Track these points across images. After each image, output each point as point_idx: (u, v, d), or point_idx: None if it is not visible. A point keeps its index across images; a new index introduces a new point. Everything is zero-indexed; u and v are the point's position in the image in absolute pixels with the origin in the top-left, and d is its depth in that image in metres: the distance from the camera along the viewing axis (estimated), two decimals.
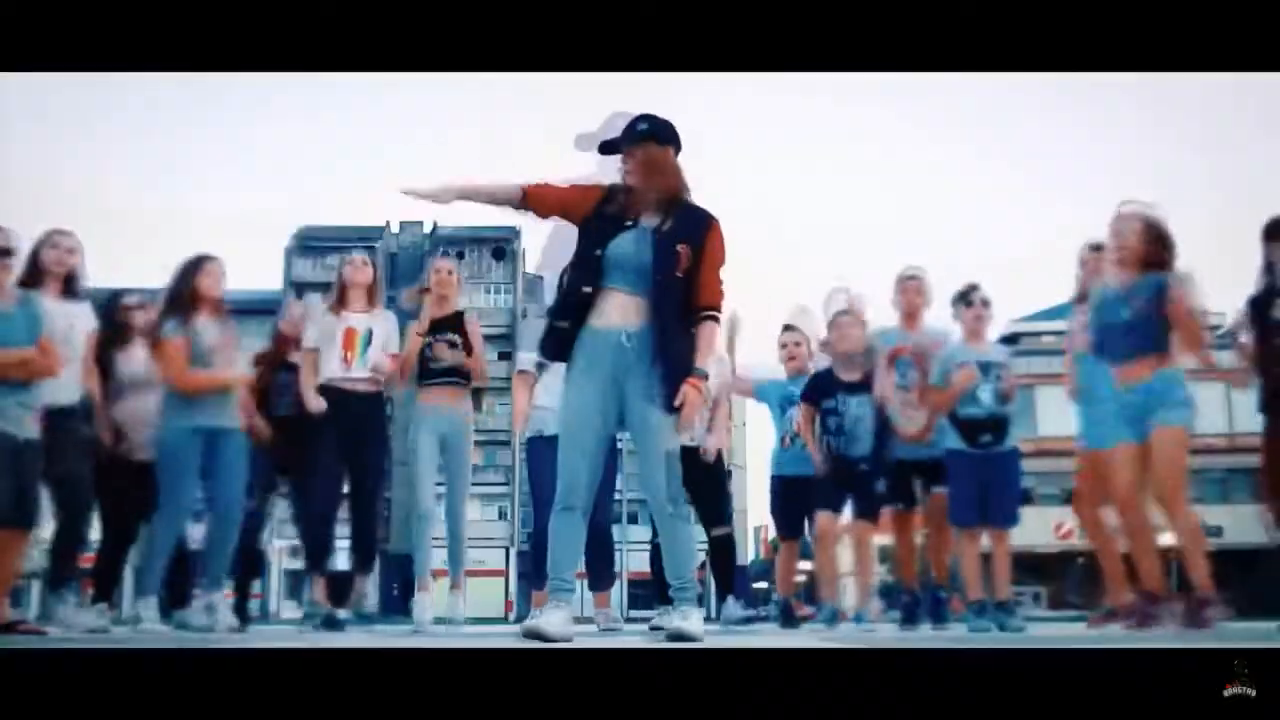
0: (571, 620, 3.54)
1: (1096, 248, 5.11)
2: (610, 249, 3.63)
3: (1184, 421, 4.47)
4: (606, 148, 3.80)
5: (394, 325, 5.86)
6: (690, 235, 3.63)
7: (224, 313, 5.35)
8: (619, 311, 3.63)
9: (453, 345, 5.62)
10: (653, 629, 5.56)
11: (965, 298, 5.48)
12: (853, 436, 5.57)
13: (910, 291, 5.73)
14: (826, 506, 5.61)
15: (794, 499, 6.01)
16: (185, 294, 5.21)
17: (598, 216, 3.70)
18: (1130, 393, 4.56)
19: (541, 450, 5.75)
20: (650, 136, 3.70)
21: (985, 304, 5.45)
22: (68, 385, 5.06)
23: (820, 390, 5.69)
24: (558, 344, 3.72)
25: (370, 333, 5.72)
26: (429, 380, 5.67)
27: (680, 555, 3.73)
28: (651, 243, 3.62)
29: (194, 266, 5.26)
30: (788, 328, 6.20)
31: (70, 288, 5.25)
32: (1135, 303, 4.53)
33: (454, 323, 5.69)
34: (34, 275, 5.16)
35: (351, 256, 5.94)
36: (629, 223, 3.66)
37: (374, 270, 5.93)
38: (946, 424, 5.38)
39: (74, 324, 5.16)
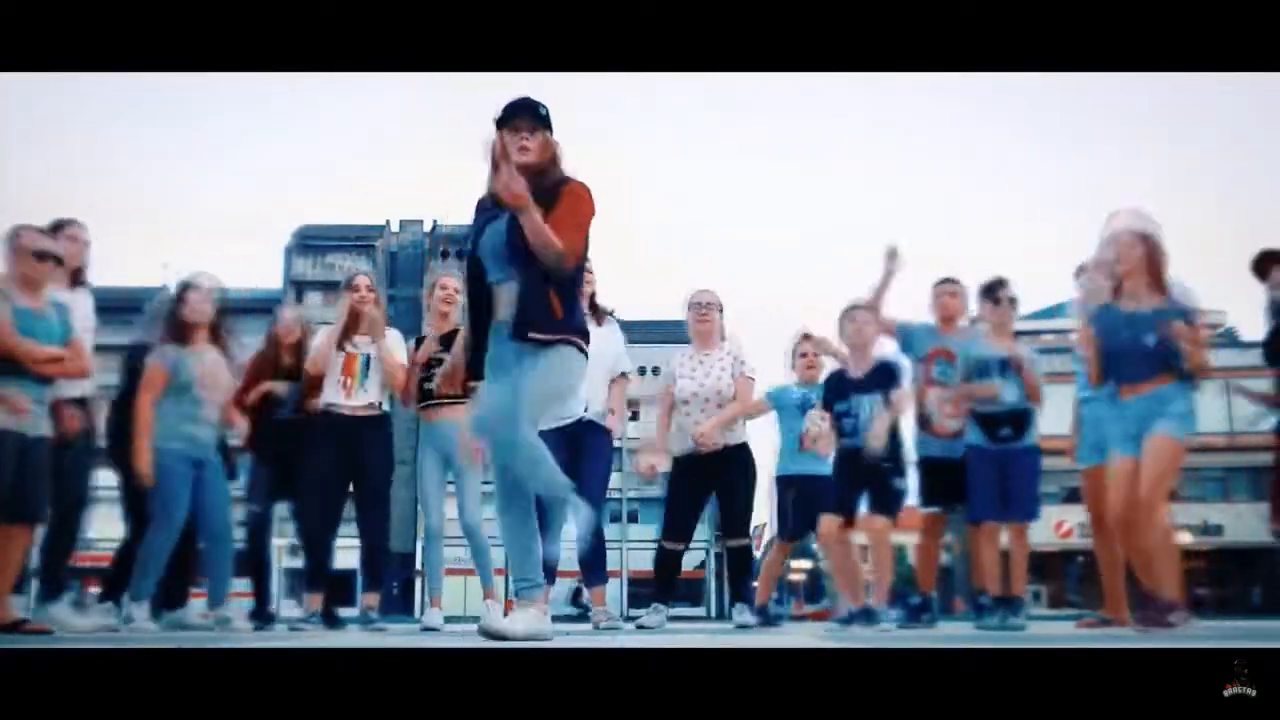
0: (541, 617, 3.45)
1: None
2: (480, 245, 3.54)
3: (1177, 433, 4.45)
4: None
5: (398, 346, 5.82)
6: (545, 198, 3.44)
7: (219, 339, 5.38)
8: (502, 305, 3.55)
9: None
10: (639, 628, 5.60)
11: (992, 294, 5.48)
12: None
13: (946, 296, 5.73)
14: (833, 510, 5.48)
15: (803, 500, 6.01)
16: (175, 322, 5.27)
17: (476, 225, 3.62)
18: (1133, 404, 4.54)
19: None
20: (543, 118, 3.56)
21: (1012, 302, 5.45)
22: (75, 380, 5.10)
23: (834, 393, 5.57)
24: (476, 365, 3.62)
25: (369, 359, 5.68)
26: (430, 401, 5.65)
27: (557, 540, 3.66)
28: (507, 221, 3.48)
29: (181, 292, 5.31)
30: (807, 337, 6.21)
31: (78, 279, 5.28)
32: (1160, 328, 4.44)
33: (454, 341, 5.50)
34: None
35: (364, 293, 5.76)
36: (496, 214, 3.55)
37: (378, 296, 5.86)
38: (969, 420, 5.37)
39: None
